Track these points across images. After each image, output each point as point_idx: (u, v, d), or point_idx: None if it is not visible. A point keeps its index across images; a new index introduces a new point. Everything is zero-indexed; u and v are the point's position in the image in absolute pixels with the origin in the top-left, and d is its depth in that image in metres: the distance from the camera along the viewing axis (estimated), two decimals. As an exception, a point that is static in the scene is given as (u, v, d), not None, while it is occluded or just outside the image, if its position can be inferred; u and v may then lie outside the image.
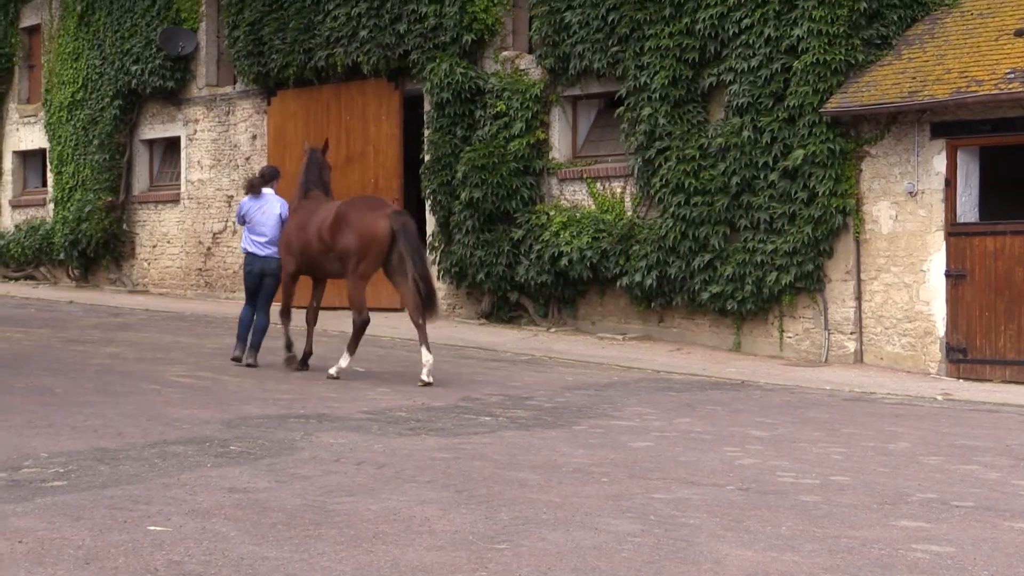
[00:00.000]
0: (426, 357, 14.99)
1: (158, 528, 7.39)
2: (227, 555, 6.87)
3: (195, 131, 28.79)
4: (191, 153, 28.88)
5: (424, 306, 15.11)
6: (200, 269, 28.59)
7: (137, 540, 7.10)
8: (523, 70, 23.09)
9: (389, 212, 15.46)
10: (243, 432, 11.01)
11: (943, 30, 19.04)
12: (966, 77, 17.76)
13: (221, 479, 8.90)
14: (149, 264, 29.83)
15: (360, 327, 15.47)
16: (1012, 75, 17.30)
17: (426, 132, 24.07)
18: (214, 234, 28.33)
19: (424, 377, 14.87)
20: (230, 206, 27.75)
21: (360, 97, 25.42)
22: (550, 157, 22.81)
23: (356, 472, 9.40)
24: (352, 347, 15.56)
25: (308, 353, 16.27)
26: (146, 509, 7.86)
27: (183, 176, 29.13)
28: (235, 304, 26.31)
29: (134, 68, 29.21)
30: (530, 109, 22.61)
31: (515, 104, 22.70)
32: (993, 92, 17.27)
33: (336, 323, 20.89)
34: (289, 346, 16.37)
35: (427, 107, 24.02)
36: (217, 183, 28.29)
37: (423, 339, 15.12)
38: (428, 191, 23.85)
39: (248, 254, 16.60)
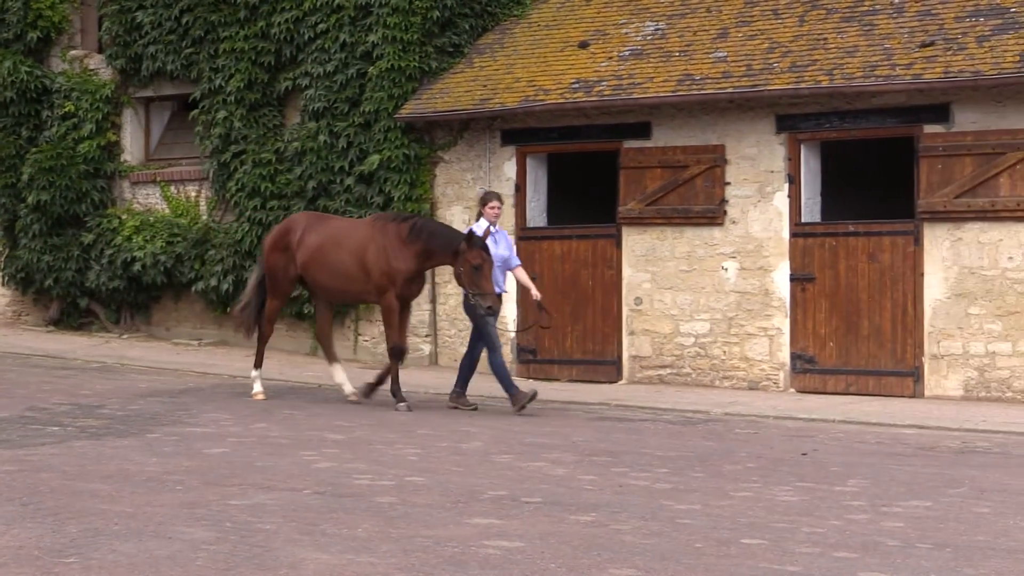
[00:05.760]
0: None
1: None
2: None
3: None
4: None
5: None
6: None
7: None
8: (93, 70, 22.47)
9: None
10: None
11: (512, 40, 19.62)
12: (534, 86, 18.35)
13: None
14: None
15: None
16: (577, 85, 17.98)
17: (-11, 132, 23.08)
18: None
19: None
20: None
21: (-84, 94, 24.05)
22: (122, 160, 22.30)
23: (-89, 489, 8.88)
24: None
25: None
26: None
27: None
28: None
29: None
30: (100, 110, 22.03)
31: (84, 105, 22.06)
32: (559, 101, 17.91)
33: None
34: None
35: (-10, 106, 23.03)
36: None
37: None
38: (-9, 194, 22.89)
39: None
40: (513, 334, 18.39)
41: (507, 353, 18.54)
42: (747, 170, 17.21)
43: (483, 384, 15.41)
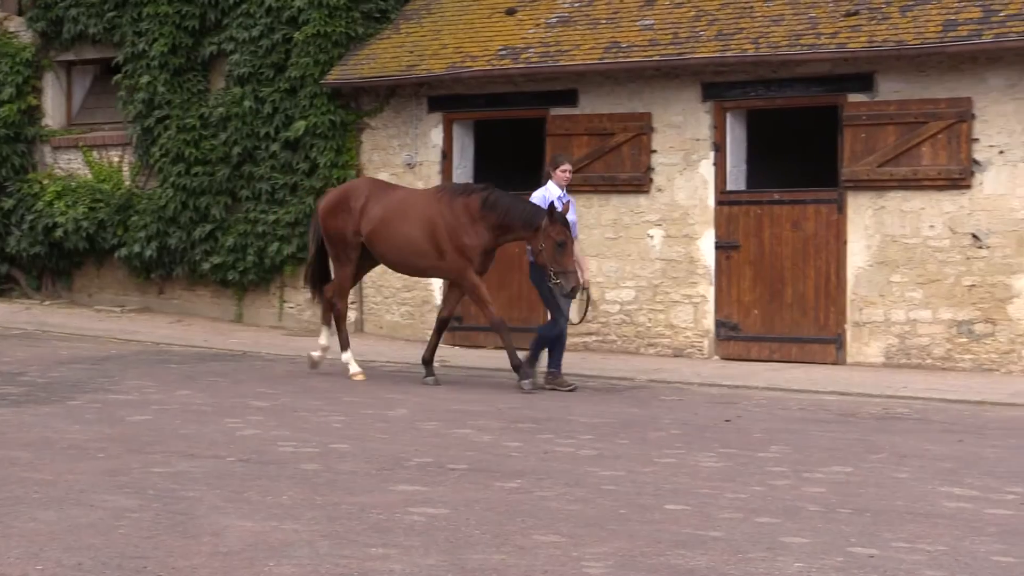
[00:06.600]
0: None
1: None
2: None
3: None
4: None
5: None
6: None
7: None
8: (13, 33, 22.19)
9: None
10: None
11: (439, 6, 19.53)
12: (461, 53, 18.29)
13: None
14: None
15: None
16: (504, 52, 17.94)
17: (-93, 95, 22.73)
18: None
19: None
20: None
21: None
22: (43, 124, 22.07)
23: None
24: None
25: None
26: None
27: None
28: None
29: None
30: (21, 74, 21.80)
31: (4, 68, 21.84)
32: (486, 68, 17.86)
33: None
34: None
35: (-92, 68, 22.67)
36: None
37: None
38: (-90, 158, 22.56)
39: None
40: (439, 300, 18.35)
41: (432, 321, 18.49)
42: (673, 138, 17.25)
43: (409, 352, 15.36)
